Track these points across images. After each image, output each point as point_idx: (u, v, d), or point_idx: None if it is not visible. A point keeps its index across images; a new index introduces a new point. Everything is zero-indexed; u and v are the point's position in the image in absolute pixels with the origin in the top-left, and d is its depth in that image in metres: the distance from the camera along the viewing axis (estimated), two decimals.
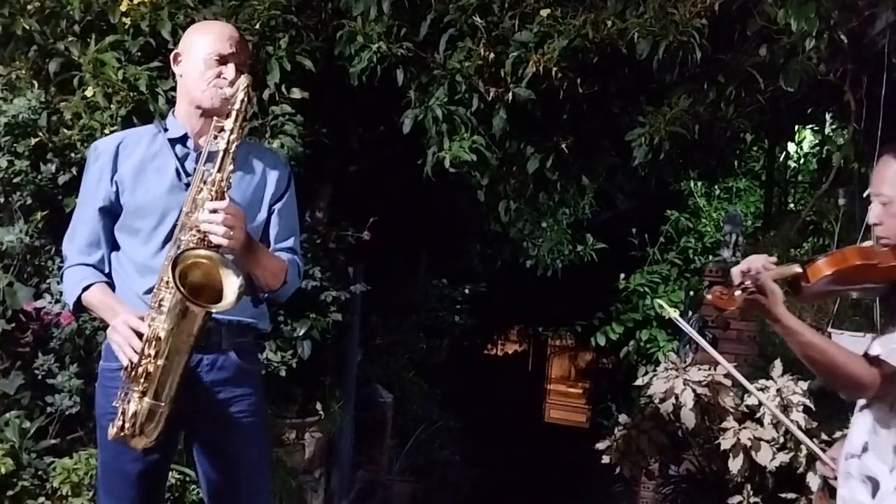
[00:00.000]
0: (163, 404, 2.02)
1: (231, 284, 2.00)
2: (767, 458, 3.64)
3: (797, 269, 1.87)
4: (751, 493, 3.73)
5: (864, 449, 1.91)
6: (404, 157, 3.99)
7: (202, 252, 2.02)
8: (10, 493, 3.11)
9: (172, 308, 2.00)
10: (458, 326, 6.92)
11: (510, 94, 3.52)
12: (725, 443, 3.71)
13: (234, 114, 2.10)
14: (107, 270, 2.23)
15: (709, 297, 1.73)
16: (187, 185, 2.16)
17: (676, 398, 3.75)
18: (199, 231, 2.03)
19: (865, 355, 1.82)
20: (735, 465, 3.69)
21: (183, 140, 2.23)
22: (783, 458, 3.69)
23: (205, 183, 2.07)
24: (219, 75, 2.17)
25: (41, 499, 3.13)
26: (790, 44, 3.44)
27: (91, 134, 3.38)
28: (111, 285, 2.22)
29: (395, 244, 5.21)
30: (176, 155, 2.21)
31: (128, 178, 2.20)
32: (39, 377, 3.31)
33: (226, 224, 2.01)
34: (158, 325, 2.01)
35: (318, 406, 4.44)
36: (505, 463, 7.88)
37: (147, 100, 3.37)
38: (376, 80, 3.52)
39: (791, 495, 3.69)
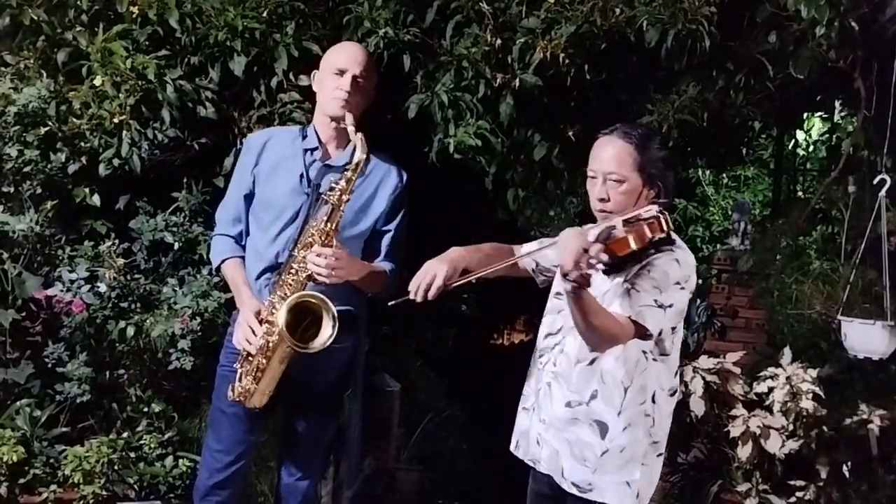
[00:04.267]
0: (264, 389, 2.52)
1: (327, 329, 2.44)
2: (776, 445, 3.65)
3: None
4: (759, 480, 3.74)
5: (593, 397, 2.24)
6: (412, 146, 3.97)
7: (314, 294, 2.45)
8: (21, 481, 3.13)
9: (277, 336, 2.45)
10: (464, 316, 6.90)
11: (517, 80, 3.50)
12: (734, 430, 3.72)
13: (349, 173, 2.45)
14: (243, 243, 2.67)
15: None
16: (307, 192, 2.56)
17: (686, 386, 3.76)
18: (306, 268, 2.45)
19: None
20: (744, 452, 3.70)
21: (313, 150, 2.62)
22: (792, 445, 3.69)
23: (315, 229, 2.46)
24: (337, 86, 2.55)
25: (53, 486, 3.15)
26: (800, 31, 3.41)
27: (100, 123, 3.39)
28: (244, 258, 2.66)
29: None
30: (304, 162, 2.59)
31: (263, 173, 2.62)
32: (49, 366, 3.33)
33: (329, 266, 2.42)
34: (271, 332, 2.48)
35: None
36: (511, 452, 7.87)
37: (155, 88, 3.36)
38: (383, 65, 3.51)
39: (800, 483, 3.70)
